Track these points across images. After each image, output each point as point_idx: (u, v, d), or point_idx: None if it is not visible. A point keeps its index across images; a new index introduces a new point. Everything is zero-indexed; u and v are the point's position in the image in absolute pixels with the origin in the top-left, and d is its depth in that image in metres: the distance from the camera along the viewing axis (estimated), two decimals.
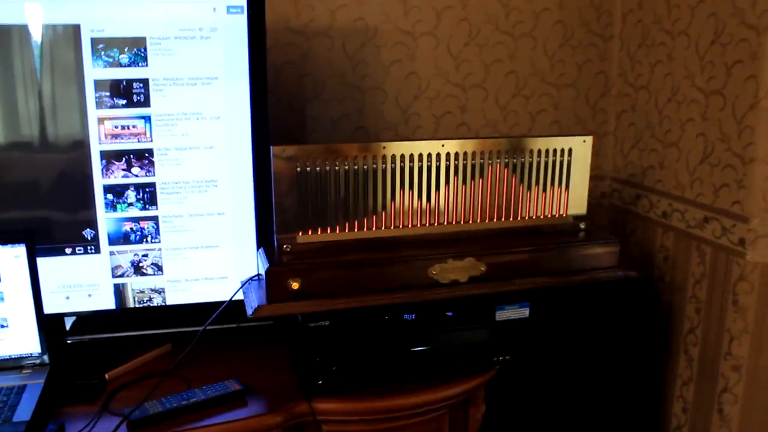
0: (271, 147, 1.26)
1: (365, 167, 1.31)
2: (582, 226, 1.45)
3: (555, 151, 1.41)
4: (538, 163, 1.40)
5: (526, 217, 1.43)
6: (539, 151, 1.40)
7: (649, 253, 1.80)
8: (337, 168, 1.29)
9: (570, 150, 1.43)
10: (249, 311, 1.25)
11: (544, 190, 1.42)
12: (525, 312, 1.37)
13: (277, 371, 1.38)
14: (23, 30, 1.27)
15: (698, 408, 1.67)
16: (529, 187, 1.41)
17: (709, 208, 1.58)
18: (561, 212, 1.45)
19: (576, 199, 1.46)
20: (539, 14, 1.79)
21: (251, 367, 1.39)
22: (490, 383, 1.42)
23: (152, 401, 1.23)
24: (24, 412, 1.16)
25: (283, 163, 1.27)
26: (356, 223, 1.32)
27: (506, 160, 1.38)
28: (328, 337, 1.29)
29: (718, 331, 1.58)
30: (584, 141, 1.43)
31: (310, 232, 1.31)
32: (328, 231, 1.31)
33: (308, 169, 1.28)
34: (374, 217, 1.33)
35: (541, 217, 1.44)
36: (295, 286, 1.25)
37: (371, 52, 1.73)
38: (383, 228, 1.34)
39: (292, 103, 1.72)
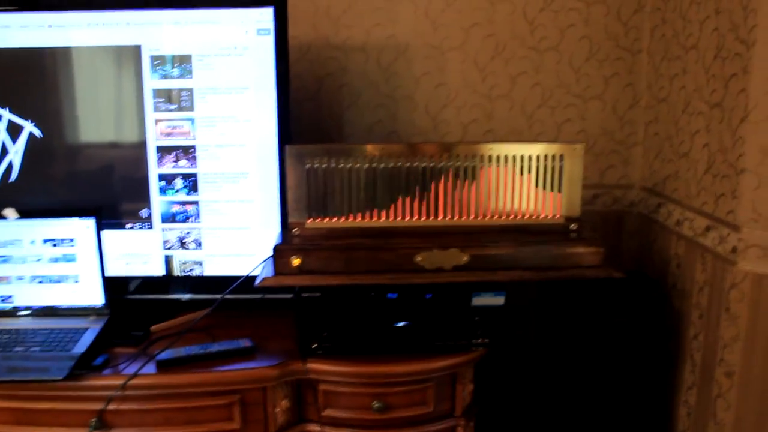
0: (285, 146, 1.58)
1: (366, 165, 1.59)
2: (573, 227, 1.64)
3: (547, 156, 1.62)
4: (531, 167, 1.61)
5: (518, 217, 1.64)
6: (532, 157, 1.60)
7: (666, 261, 1.93)
8: (341, 165, 1.59)
9: (562, 156, 1.62)
10: (257, 281, 1.57)
11: (537, 192, 1.63)
12: (500, 300, 1.59)
13: (286, 337, 1.69)
14: (99, 50, 1.71)
15: (699, 413, 1.78)
16: (522, 189, 1.62)
17: (710, 217, 1.69)
18: (554, 214, 1.64)
19: (569, 203, 1.64)
20: (564, 30, 1.99)
21: (266, 332, 1.72)
22: (483, 369, 1.65)
23: (178, 348, 1.59)
24: (81, 346, 1.57)
25: (295, 160, 1.59)
26: (358, 214, 1.60)
27: (500, 162, 1.60)
28: (320, 307, 1.59)
29: (714, 338, 1.70)
30: (575, 148, 1.61)
31: (317, 220, 1.61)
32: (333, 219, 1.61)
33: (316, 165, 1.58)
34: (374, 209, 1.60)
35: (533, 217, 1.65)
36: (297, 262, 1.55)
37: (403, 65, 2.01)
38: (381, 219, 1.61)
39: (332, 110, 2.05)
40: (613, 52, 2.00)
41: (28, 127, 1.75)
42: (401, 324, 1.60)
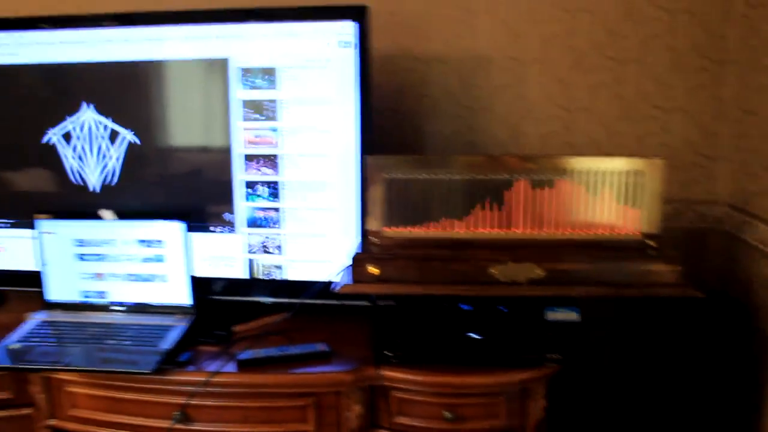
0: (366, 156, 1.64)
1: (444, 176, 1.63)
2: (651, 244, 1.63)
3: (627, 171, 1.62)
4: (609, 182, 1.62)
5: (595, 232, 1.65)
6: (611, 171, 1.61)
7: (751, 280, 1.89)
8: (419, 176, 1.63)
9: (642, 171, 1.62)
10: (336, 288, 1.63)
11: (615, 207, 1.63)
12: (575, 316, 1.60)
13: (361, 343, 1.75)
14: (190, 63, 1.82)
15: None
16: (600, 204, 1.63)
17: None
18: (632, 230, 1.64)
19: (648, 219, 1.64)
20: (647, 40, 1.97)
21: (342, 337, 1.78)
22: (557, 386, 1.66)
23: (258, 349, 1.68)
24: (168, 343, 1.68)
25: (375, 170, 1.65)
26: (435, 224, 1.65)
27: (577, 176, 1.61)
28: (395, 315, 1.65)
29: None
30: (656, 163, 1.61)
31: (395, 229, 1.66)
32: (410, 229, 1.66)
33: (395, 176, 1.64)
34: (451, 219, 1.65)
35: (611, 232, 1.65)
36: (374, 271, 1.61)
37: (482, 76, 2.05)
38: (458, 230, 1.65)
39: (412, 121, 2.10)
40: (697, 62, 1.97)
41: (128, 136, 1.88)
42: (474, 335, 1.64)
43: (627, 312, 1.94)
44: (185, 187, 1.89)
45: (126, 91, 1.87)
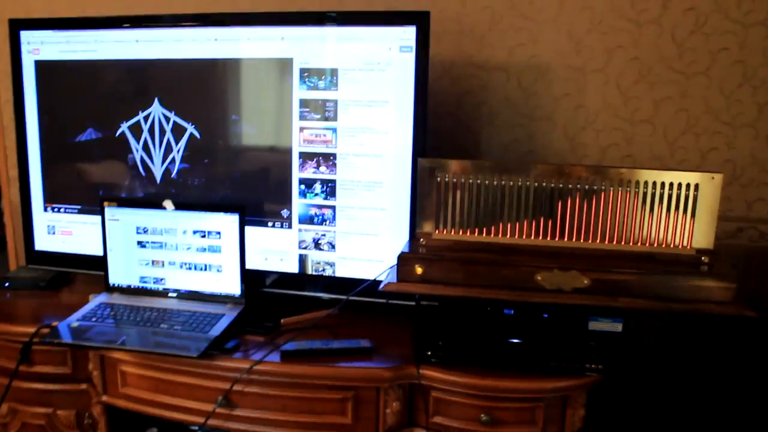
0: (418, 159, 1.68)
1: (495, 182, 1.65)
2: (704, 260, 1.60)
3: (681, 184, 1.59)
4: (661, 195, 1.60)
5: (646, 244, 1.63)
6: (665, 183, 1.59)
7: None
8: (470, 181, 1.65)
9: (697, 185, 1.59)
10: (381, 286, 1.67)
11: (667, 221, 1.61)
12: (618, 327, 1.57)
13: (404, 342, 1.78)
14: (255, 62, 1.90)
15: None
16: (653, 216, 1.61)
17: None
18: (684, 244, 1.61)
19: (702, 234, 1.61)
20: (716, 54, 1.93)
21: (385, 335, 1.81)
22: (597, 396, 1.64)
23: (302, 341, 1.73)
24: (217, 330, 1.76)
25: (427, 173, 1.68)
26: (483, 228, 1.67)
27: (630, 187, 1.60)
28: (437, 316, 1.66)
29: None
30: (713, 178, 1.58)
31: (443, 232, 1.69)
32: (460, 232, 1.68)
33: (447, 179, 1.66)
34: (500, 224, 1.67)
35: (663, 246, 1.62)
36: (419, 271, 1.63)
37: (543, 85, 2.05)
38: (506, 236, 1.66)
39: (470, 127, 2.12)
40: None
41: (190, 129, 1.99)
42: (515, 340, 1.64)
43: (676, 327, 1.90)
44: (244, 182, 1.98)
45: (190, 87, 1.97)
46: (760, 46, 1.93)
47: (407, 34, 1.80)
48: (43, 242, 2.19)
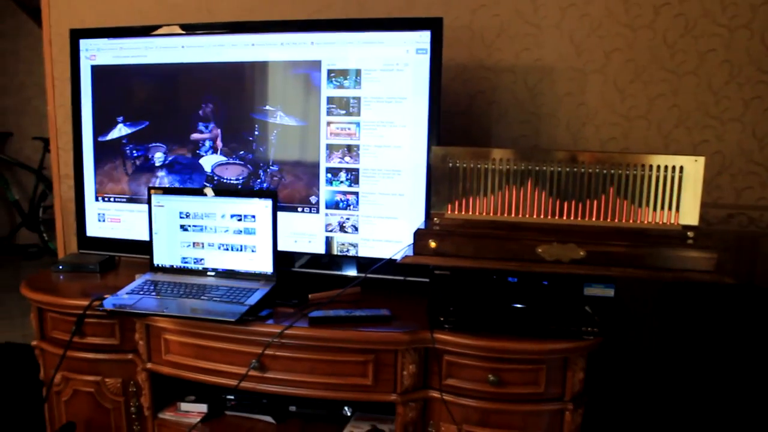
0: (432, 147, 1.93)
1: (500, 167, 1.89)
2: (690, 234, 1.81)
3: (667, 167, 1.82)
4: (649, 177, 1.83)
5: (637, 221, 1.85)
6: (653, 166, 1.82)
7: None
8: (479, 166, 1.90)
9: (681, 167, 1.81)
10: (399, 258, 1.91)
11: (656, 200, 1.83)
12: (610, 292, 1.80)
13: (419, 313, 2.01)
14: (288, 64, 2.19)
15: None
16: (641, 197, 1.84)
17: None
18: (671, 221, 1.83)
19: (688, 212, 1.83)
20: (704, 55, 2.19)
21: (403, 307, 2.05)
22: (596, 363, 1.84)
23: (328, 310, 1.97)
24: (252, 300, 2.01)
25: (440, 159, 1.93)
26: (491, 208, 1.91)
27: (622, 170, 1.83)
28: (449, 285, 1.90)
29: None
30: (696, 161, 1.81)
31: (455, 211, 1.92)
32: (469, 212, 1.92)
33: (457, 165, 1.91)
34: (506, 204, 1.91)
35: (651, 222, 1.85)
36: (433, 245, 1.87)
37: (547, 85, 2.32)
38: (511, 214, 1.90)
39: (481, 124, 2.38)
40: (754, 75, 2.17)
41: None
42: (519, 306, 1.87)
43: (669, 295, 2.11)
44: (280, 172, 2.25)
45: (228, 86, 2.26)
46: (745, 47, 2.18)
47: (423, 37, 2.07)
48: (93, 229, 2.48)
